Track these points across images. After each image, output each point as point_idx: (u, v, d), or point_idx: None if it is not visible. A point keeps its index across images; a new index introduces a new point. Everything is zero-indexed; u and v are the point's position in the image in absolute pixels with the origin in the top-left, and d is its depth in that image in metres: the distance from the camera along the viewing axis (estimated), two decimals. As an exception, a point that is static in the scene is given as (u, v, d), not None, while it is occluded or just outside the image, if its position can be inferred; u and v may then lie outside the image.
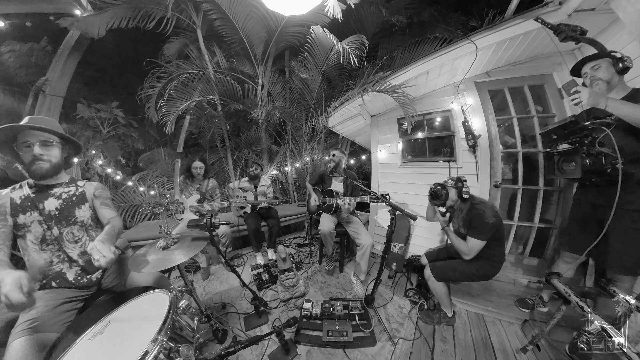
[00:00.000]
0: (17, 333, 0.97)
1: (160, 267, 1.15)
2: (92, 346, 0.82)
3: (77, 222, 1.24)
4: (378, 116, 3.67)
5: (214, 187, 2.81)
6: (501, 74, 2.48)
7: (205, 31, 3.85)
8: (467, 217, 1.64)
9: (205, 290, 2.37)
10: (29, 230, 1.13)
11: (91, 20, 3.33)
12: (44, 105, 3.57)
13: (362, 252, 2.33)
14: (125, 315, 0.95)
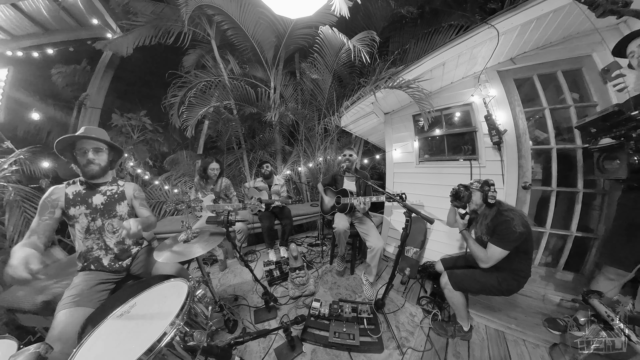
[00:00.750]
0: (62, 305, 1.18)
1: (181, 258, 1.30)
2: (119, 323, 0.93)
3: (116, 215, 1.43)
4: (392, 113, 3.50)
5: (227, 186, 2.90)
6: (528, 60, 2.20)
7: (219, 41, 4.09)
8: (492, 223, 1.50)
9: (220, 282, 2.50)
10: (77, 221, 1.34)
11: (120, 41, 3.80)
12: (85, 116, 4.13)
13: (372, 255, 2.24)
14: (149, 298, 1.06)
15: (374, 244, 2.23)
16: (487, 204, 1.56)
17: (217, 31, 3.90)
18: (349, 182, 2.70)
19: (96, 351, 0.82)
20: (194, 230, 1.55)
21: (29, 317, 1.62)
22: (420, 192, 2.99)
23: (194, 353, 0.86)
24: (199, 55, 4.41)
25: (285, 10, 1.47)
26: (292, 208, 3.39)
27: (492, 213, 1.53)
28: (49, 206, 1.28)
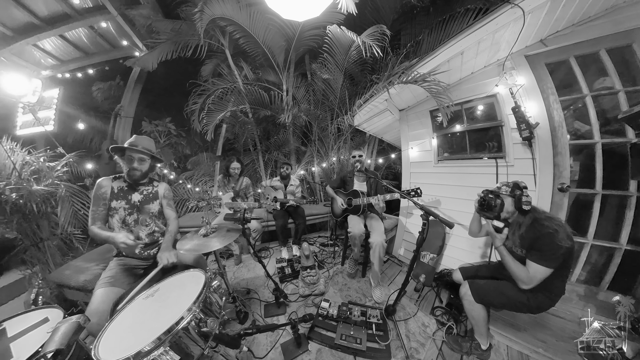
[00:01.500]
0: (99, 284, 1.37)
1: (200, 250, 1.45)
2: (144, 304, 1.06)
3: (149, 212, 1.63)
4: (407, 110, 3.30)
5: (247, 186, 3.02)
6: (563, 40, 1.89)
7: (232, 50, 4.27)
8: (528, 234, 1.31)
9: (234, 276, 2.61)
10: (117, 212, 1.52)
11: (146, 57, 4.24)
12: (120, 125, 4.67)
13: (371, 251, 2.17)
14: (171, 285, 1.17)
15: (373, 239, 2.16)
16: (521, 211, 1.36)
17: (230, 40, 4.10)
18: (359, 183, 2.63)
19: (124, 326, 0.94)
20: (213, 226, 1.68)
21: (73, 292, 1.88)
22: (439, 194, 2.76)
23: (206, 338, 0.93)
24: (215, 65, 4.68)
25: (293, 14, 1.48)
26: (306, 208, 3.41)
27: (527, 222, 1.33)
28: (101, 199, 1.50)
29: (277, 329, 1.59)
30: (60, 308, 1.12)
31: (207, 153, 4.87)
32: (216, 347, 1.07)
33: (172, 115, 4.87)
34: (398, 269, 2.85)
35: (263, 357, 1.55)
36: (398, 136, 3.69)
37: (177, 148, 5.07)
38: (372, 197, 2.28)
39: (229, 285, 1.86)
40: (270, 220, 3.11)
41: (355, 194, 2.49)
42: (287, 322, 1.52)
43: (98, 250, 2.33)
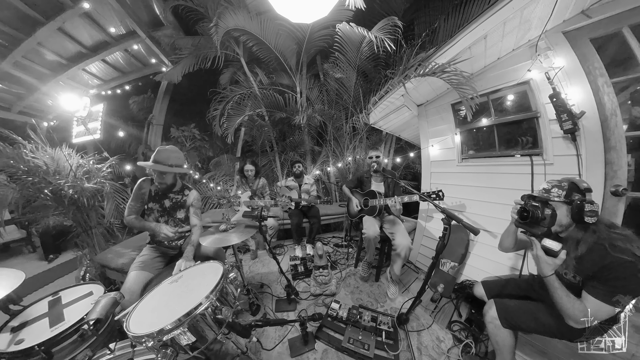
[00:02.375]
0: (133, 267, 1.57)
1: (220, 244, 1.58)
2: (169, 288, 1.18)
3: (175, 217, 1.79)
4: (426, 105, 3.04)
5: (264, 185, 3.15)
6: (612, 7, 1.53)
7: (247, 57, 4.48)
8: (591, 258, 0.98)
9: (250, 269, 2.72)
10: (152, 212, 1.72)
11: (172, 72, 4.69)
12: (152, 131, 5.46)
13: (396, 253, 2.08)
14: (192, 273, 1.28)
15: (399, 241, 2.06)
16: (581, 223, 1.00)
17: (244, 49, 4.32)
18: (377, 184, 2.53)
19: (151, 305, 1.06)
20: (232, 222, 1.79)
21: (112, 273, 2.17)
22: (463, 196, 2.49)
23: (220, 325, 1.00)
24: (232, 73, 4.93)
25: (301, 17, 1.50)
26: (321, 207, 3.41)
27: (589, 239, 0.99)
28: (140, 197, 1.69)
29: (286, 325, 1.65)
30: (102, 284, 1.31)
31: (228, 155, 5.22)
32: (228, 334, 1.13)
33: (196, 121, 5.33)
34: (414, 275, 2.66)
35: (270, 349, 1.60)
36: (417, 133, 3.44)
37: (201, 151, 5.51)
38: (388, 199, 2.16)
39: (244, 278, 1.96)
40: (285, 219, 3.19)
41: (371, 194, 2.39)
42: (296, 319, 1.54)
43: (134, 239, 2.73)
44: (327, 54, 4.07)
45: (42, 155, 2.60)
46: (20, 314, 1.11)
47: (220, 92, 4.52)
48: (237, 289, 1.23)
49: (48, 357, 0.92)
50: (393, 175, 2.44)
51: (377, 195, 2.35)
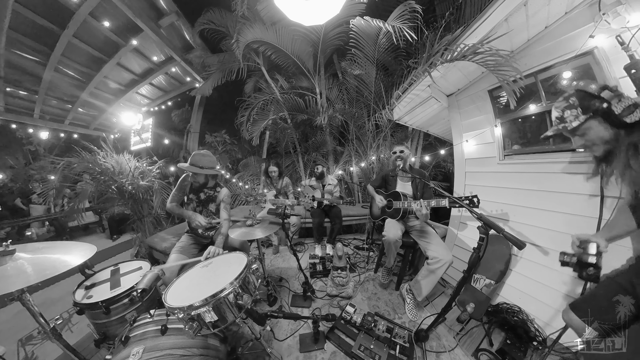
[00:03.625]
0: (173, 251, 1.83)
1: (246, 237, 1.76)
2: (200, 272, 1.35)
3: (208, 209, 2.00)
4: (457, 94, 2.65)
5: (287, 184, 3.26)
6: None
7: (267, 66, 4.76)
8: None
9: (271, 263, 2.85)
10: (191, 202, 1.95)
11: (204, 86, 5.21)
12: (190, 138, 6.28)
13: (434, 267, 1.80)
14: (221, 261, 1.44)
15: (441, 254, 1.79)
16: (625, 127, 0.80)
17: (264, 58, 4.57)
18: (403, 184, 2.29)
19: (184, 284, 1.22)
20: (258, 218, 1.93)
21: (157, 253, 2.57)
22: (506, 200, 2.06)
23: (239, 309, 1.10)
24: (255, 81, 5.24)
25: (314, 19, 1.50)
26: (343, 208, 3.38)
27: None
28: (182, 189, 1.94)
29: (300, 320, 1.67)
30: (149, 262, 1.58)
31: (255, 156, 5.66)
32: (246, 319, 1.20)
33: (226, 128, 5.96)
34: (440, 289, 2.33)
35: (282, 340, 1.66)
36: (447, 127, 3.03)
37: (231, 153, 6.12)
38: (414, 202, 1.90)
39: (265, 270, 2.05)
40: (307, 218, 3.24)
41: (396, 195, 2.17)
42: (310, 316, 1.55)
43: (175, 227, 3.27)
44: (344, 52, 3.97)
45: (110, 160, 3.31)
46: (91, 277, 1.44)
47: (245, 100, 4.80)
48: (258, 279, 1.32)
49: (107, 312, 1.22)
50: (422, 175, 2.17)
51: (402, 197, 2.12)
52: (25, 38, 4.12)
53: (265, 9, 3.69)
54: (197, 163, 1.78)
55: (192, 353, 1.05)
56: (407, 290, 2.06)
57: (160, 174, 3.91)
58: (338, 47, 4.24)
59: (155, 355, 0.97)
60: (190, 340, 1.08)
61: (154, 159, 4.05)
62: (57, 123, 6.90)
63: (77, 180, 3.51)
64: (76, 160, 3.15)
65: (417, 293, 1.94)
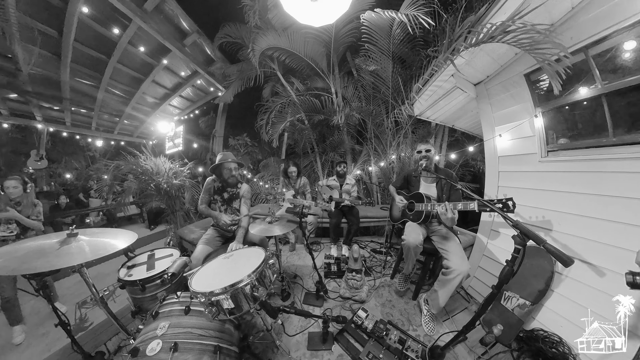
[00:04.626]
0: (200, 242, 2.00)
1: (265, 233, 1.85)
2: (222, 262, 1.45)
3: (232, 206, 2.18)
4: (487, 82, 2.34)
5: (305, 184, 3.33)
6: None
7: (282, 70, 4.87)
8: None
9: (287, 260, 2.92)
10: (217, 203, 2.15)
11: (225, 95, 5.56)
12: (215, 142, 6.70)
13: (448, 278, 1.66)
14: (242, 254, 1.53)
15: (455, 265, 1.64)
16: None
17: (279, 63, 4.70)
18: (427, 185, 2.10)
19: (207, 272, 1.32)
20: (276, 216, 2.01)
21: (186, 243, 2.83)
22: (550, 206, 1.74)
23: (254, 301, 1.17)
24: (272, 86, 5.39)
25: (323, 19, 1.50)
26: (361, 209, 3.30)
27: None
28: (208, 191, 2.14)
29: (310, 318, 1.69)
30: (179, 250, 1.73)
31: (274, 157, 5.86)
32: (259, 310, 1.27)
33: (247, 131, 6.33)
34: (463, 304, 2.07)
35: (291, 335, 1.69)
36: (476, 121, 2.70)
37: (252, 155, 6.49)
38: (438, 204, 1.70)
39: (281, 266, 2.16)
40: (325, 217, 3.25)
41: (418, 197, 2.00)
42: (320, 316, 1.55)
43: (202, 221, 3.62)
44: (357, 48, 3.82)
45: (149, 163, 3.89)
46: (132, 259, 1.64)
47: (264, 105, 4.94)
48: (274, 274, 1.38)
49: (143, 289, 1.40)
50: (449, 175, 1.95)
51: (425, 199, 1.94)
52: (83, 67, 5.06)
53: (276, 16, 3.79)
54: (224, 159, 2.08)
55: (209, 334, 1.16)
56: (425, 301, 1.90)
57: (190, 174, 4.37)
58: (351, 44, 4.13)
59: (178, 331, 1.11)
60: (209, 323, 1.20)
61: (185, 161, 4.62)
62: (108, 133, 8.32)
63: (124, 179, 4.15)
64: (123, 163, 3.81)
65: (434, 304, 1.77)
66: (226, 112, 6.36)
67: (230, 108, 6.30)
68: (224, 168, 2.06)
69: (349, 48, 4.34)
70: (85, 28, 4.07)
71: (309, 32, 3.85)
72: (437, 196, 1.98)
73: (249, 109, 5.44)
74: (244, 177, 5.32)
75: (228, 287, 1.09)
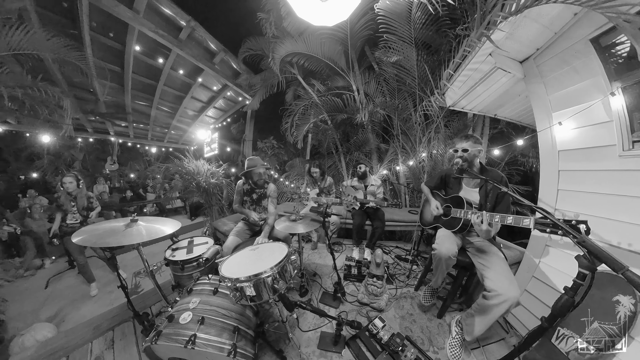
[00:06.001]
0: (231, 233, 2.22)
1: (289, 231, 1.93)
2: (249, 253, 1.59)
3: (261, 205, 2.40)
4: (537, 56, 1.89)
5: (330, 184, 3.38)
6: None
7: (302, 74, 5.03)
8: None
9: (308, 258, 2.96)
10: (247, 203, 2.39)
11: (252, 103, 5.99)
12: (245, 146, 7.27)
13: (492, 303, 1.33)
14: (267, 247, 1.66)
15: (501, 288, 1.31)
16: None
17: (298, 68, 4.88)
18: (469, 189, 1.76)
19: (235, 261, 1.48)
20: (301, 215, 2.07)
21: (219, 234, 3.13)
22: (636, 220, 1.25)
23: (274, 292, 1.26)
24: (293, 90, 5.56)
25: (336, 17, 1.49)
26: (387, 211, 3.16)
27: None
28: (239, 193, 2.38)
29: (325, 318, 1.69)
30: (213, 239, 1.98)
31: (299, 158, 6.14)
32: (277, 302, 1.34)
33: (274, 134, 6.84)
34: (500, 333, 1.71)
35: (304, 331, 1.72)
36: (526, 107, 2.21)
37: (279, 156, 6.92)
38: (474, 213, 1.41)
39: (301, 263, 2.25)
40: (348, 218, 3.18)
41: (457, 201, 1.70)
42: (335, 317, 1.54)
43: (233, 215, 3.95)
44: (375, 41, 3.60)
45: (191, 165, 4.63)
46: (176, 243, 1.92)
47: (287, 108, 5.07)
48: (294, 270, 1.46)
49: (182, 268, 1.68)
50: (498, 179, 1.59)
51: (466, 204, 1.63)
52: (139, 92, 6.37)
53: (290, 23, 3.92)
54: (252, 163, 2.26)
55: (231, 315, 1.32)
56: (457, 323, 1.63)
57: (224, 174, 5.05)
58: (368, 38, 3.94)
59: (205, 308, 1.29)
60: (232, 305, 1.36)
61: (220, 162, 5.39)
62: (160, 142, 10.17)
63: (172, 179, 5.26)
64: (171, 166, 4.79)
65: (467, 330, 1.48)
66: (254, 118, 6.85)
67: (257, 114, 6.74)
68: (253, 172, 2.24)
69: (366, 42, 4.16)
70: (139, 62, 5.15)
71: (324, 32, 3.86)
72: (479, 203, 1.64)
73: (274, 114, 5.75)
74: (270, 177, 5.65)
75: (252, 276, 1.21)
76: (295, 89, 5.40)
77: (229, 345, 1.17)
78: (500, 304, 1.28)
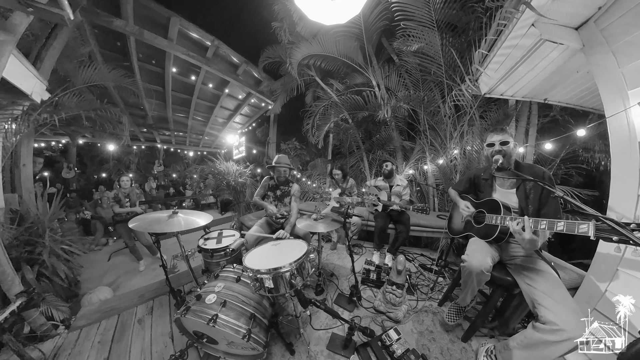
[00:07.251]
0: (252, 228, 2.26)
1: (309, 229, 1.96)
2: (271, 248, 1.69)
3: (283, 202, 2.44)
4: (598, 18, 1.55)
5: (352, 186, 3.34)
6: None
7: (320, 74, 5.12)
8: None
9: (326, 257, 2.93)
10: (270, 198, 2.45)
11: (275, 107, 6.36)
12: (270, 148, 7.62)
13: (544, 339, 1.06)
14: (287, 244, 1.76)
15: (563, 320, 1.03)
16: None
17: (316, 69, 4.99)
18: (504, 191, 1.48)
19: (257, 254, 1.59)
20: (322, 214, 2.10)
21: (245, 229, 3.21)
22: None
23: (290, 287, 1.32)
24: (313, 92, 5.63)
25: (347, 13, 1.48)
26: (413, 215, 2.96)
27: None
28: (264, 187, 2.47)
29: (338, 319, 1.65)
30: (239, 233, 2.15)
31: (321, 158, 6.22)
32: (293, 297, 1.38)
33: (296, 136, 6.97)
34: None
35: (315, 329, 1.73)
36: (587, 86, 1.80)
37: (301, 157, 7.07)
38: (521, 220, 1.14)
39: (320, 262, 2.28)
40: (370, 220, 3.05)
41: (493, 206, 1.43)
42: (348, 321, 1.50)
43: (259, 212, 4.18)
44: (392, 31, 3.33)
45: (222, 166, 5.18)
46: (208, 234, 2.14)
47: (307, 110, 5.08)
48: (312, 268, 1.49)
49: (211, 256, 1.89)
50: (539, 175, 1.31)
51: (503, 210, 1.34)
52: (178, 106, 7.50)
53: (304, 27, 4.01)
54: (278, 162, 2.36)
55: (249, 303, 1.42)
56: (489, 353, 1.36)
57: (251, 174, 5.55)
58: (384, 28, 3.75)
59: (228, 293, 1.42)
60: (251, 294, 1.47)
61: (247, 164, 5.98)
62: (196, 147, 11.85)
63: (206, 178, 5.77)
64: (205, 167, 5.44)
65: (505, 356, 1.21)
66: (276, 121, 7.21)
67: (280, 117, 7.07)
68: (277, 169, 2.35)
69: (383, 33, 3.96)
70: (176, 81, 6.16)
71: (338, 30, 3.84)
72: (519, 206, 1.35)
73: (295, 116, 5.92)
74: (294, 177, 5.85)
75: (272, 269, 1.28)
76: (314, 90, 5.43)
77: (244, 329, 1.26)
78: (561, 343, 0.99)
